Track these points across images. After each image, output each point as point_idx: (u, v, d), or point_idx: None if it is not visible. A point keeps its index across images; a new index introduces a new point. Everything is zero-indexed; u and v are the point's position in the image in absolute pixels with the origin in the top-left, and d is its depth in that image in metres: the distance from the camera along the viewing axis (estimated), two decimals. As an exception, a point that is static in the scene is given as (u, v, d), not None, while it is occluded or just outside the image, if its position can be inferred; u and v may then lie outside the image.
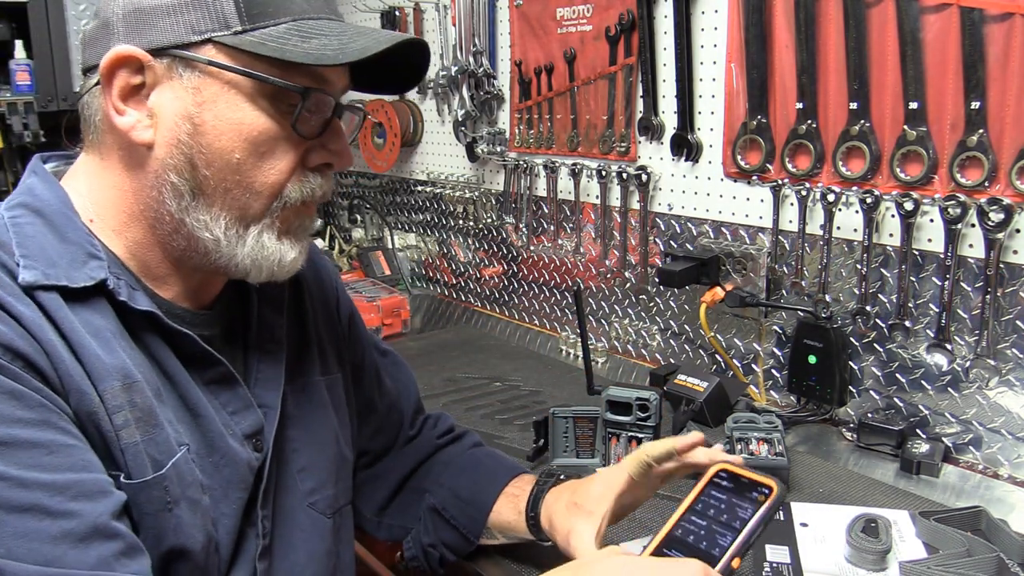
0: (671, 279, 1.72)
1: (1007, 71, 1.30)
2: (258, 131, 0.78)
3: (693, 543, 0.79)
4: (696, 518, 0.81)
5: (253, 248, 0.81)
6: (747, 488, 0.81)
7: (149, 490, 0.73)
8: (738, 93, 1.68)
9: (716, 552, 0.77)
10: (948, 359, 1.43)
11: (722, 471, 0.84)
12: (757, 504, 0.79)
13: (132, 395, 0.74)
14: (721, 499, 0.81)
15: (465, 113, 2.33)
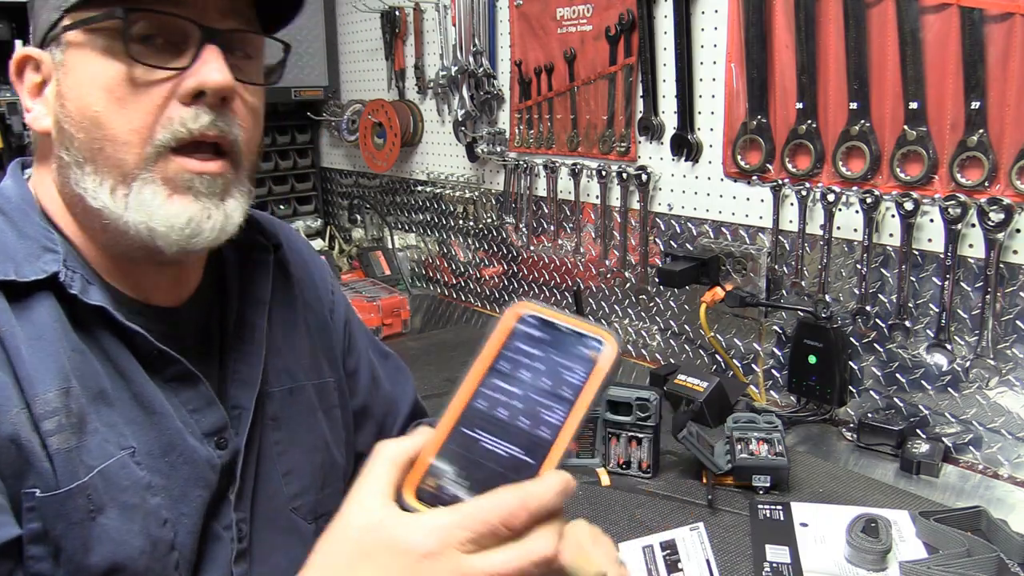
0: (671, 279, 1.72)
1: (1007, 71, 1.30)
2: (108, 76, 0.74)
3: (508, 420, 0.56)
4: (504, 383, 0.58)
5: (139, 210, 0.75)
6: (569, 341, 0.59)
7: (72, 499, 0.71)
8: (738, 93, 1.68)
9: (544, 432, 0.56)
10: (948, 359, 1.43)
11: (529, 316, 0.59)
12: (588, 362, 0.58)
13: (68, 400, 0.72)
14: (536, 356, 0.58)
15: (465, 113, 2.33)
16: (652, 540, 1.19)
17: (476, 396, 0.58)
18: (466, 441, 0.57)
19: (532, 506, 0.52)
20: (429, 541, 0.51)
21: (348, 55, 2.92)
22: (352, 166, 3.00)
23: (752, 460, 1.33)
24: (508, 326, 0.60)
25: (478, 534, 0.51)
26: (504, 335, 0.60)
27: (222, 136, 0.77)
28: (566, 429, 0.56)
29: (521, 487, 0.53)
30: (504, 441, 0.56)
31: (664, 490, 1.36)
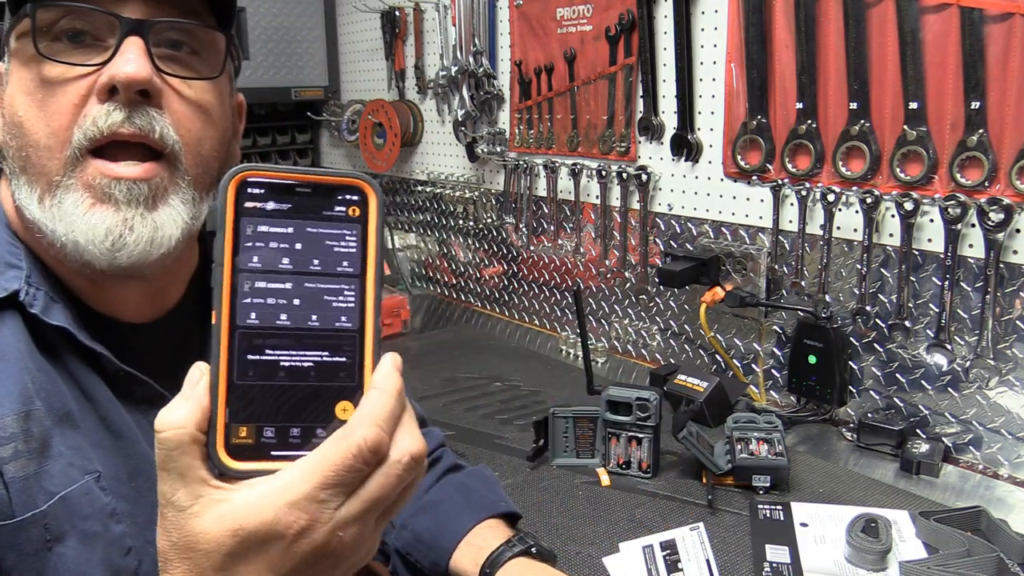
0: (671, 279, 1.72)
1: (1007, 71, 1.30)
2: (27, 79, 0.69)
3: (294, 324, 0.47)
4: (265, 282, 0.47)
5: (62, 221, 0.68)
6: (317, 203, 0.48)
7: (26, 530, 0.66)
8: (738, 93, 1.68)
9: (345, 321, 0.47)
10: (948, 359, 1.43)
11: (249, 183, 0.47)
12: (354, 222, 0.48)
13: (29, 424, 0.67)
14: (286, 235, 0.47)
15: (465, 113, 2.33)
16: (652, 540, 1.19)
17: (238, 311, 0.46)
18: (258, 370, 0.47)
19: (381, 422, 0.46)
20: (294, 517, 0.45)
21: (348, 55, 2.92)
22: (352, 166, 3.00)
23: (752, 460, 1.33)
24: (232, 205, 0.47)
25: (342, 482, 0.45)
26: (232, 217, 0.47)
27: (143, 135, 0.69)
28: (368, 307, 0.47)
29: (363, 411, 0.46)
30: (302, 351, 0.47)
31: (664, 490, 1.36)
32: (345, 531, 0.46)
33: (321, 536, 0.46)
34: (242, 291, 0.47)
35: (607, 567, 1.15)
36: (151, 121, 0.69)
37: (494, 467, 1.42)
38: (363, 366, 0.48)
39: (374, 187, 0.49)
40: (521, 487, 1.37)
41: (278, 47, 2.78)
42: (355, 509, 0.46)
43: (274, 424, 0.47)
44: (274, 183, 0.47)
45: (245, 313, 0.47)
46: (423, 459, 0.48)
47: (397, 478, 0.47)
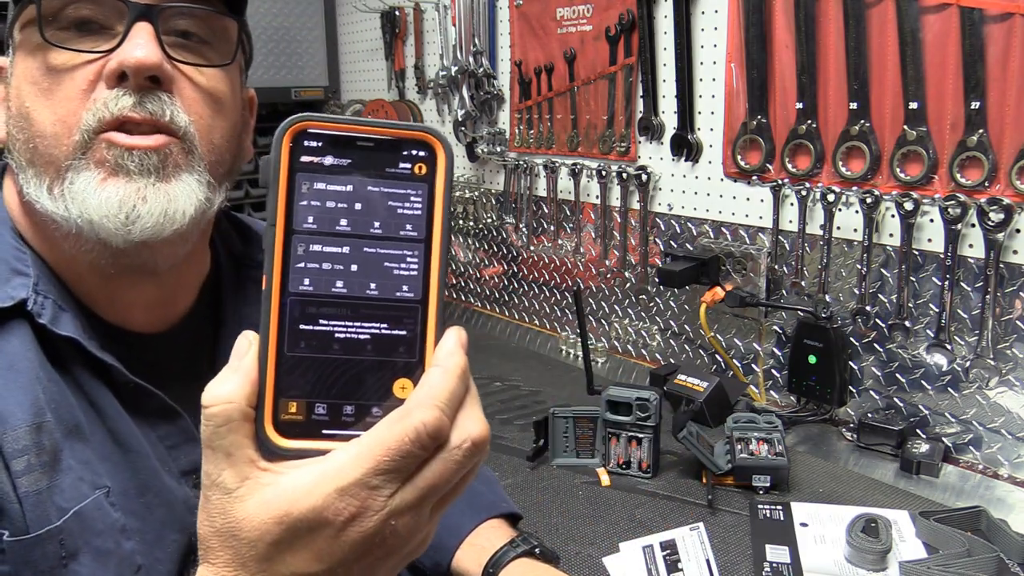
0: (671, 279, 1.72)
1: (1007, 71, 1.30)
2: (33, 68, 0.68)
3: (352, 294, 0.43)
4: (319, 245, 0.43)
5: (74, 202, 0.67)
6: (382, 158, 0.43)
7: (42, 546, 0.64)
8: (738, 93, 1.68)
9: (407, 291, 0.43)
10: (948, 359, 1.43)
11: (305, 134, 0.43)
12: (420, 181, 0.43)
13: (41, 436, 0.65)
14: (341, 193, 0.43)
15: (465, 113, 2.33)
16: (652, 540, 1.19)
17: (291, 277, 0.42)
18: (310, 341, 0.43)
19: (442, 404, 0.42)
20: (344, 504, 0.42)
21: (348, 55, 2.92)
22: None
23: (752, 460, 1.33)
24: (286, 159, 0.42)
25: (397, 468, 0.42)
26: (286, 173, 0.42)
27: (154, 119, 0.68)
28: (432, 276, 0.43)
29: (423, 393, 0.42)
30: (358, 322, 0.43)
31: (664, 490, 1.36)
32: (398, 520, 0.43)
33: (372, 525, 0.42)
34: (295, 254, 0.42)
35: (607, 567, 1.15)
36: (162, 105, 0.68)
37: (494, 467, 1.42)
38: (425, 341, 0.43)
39: (443, 142, 0.44)
40: (521, 487, 1.37)
41: (278, 47, 2.78)
42: (410, 497, 0.42)
43: (326, 400, 0.43)
44: (334, 135, 0.43)
45: (298, 279, 0.43)
46: (486, 445, 0.44)
47: (457, 464, 0.43)
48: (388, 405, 0.44)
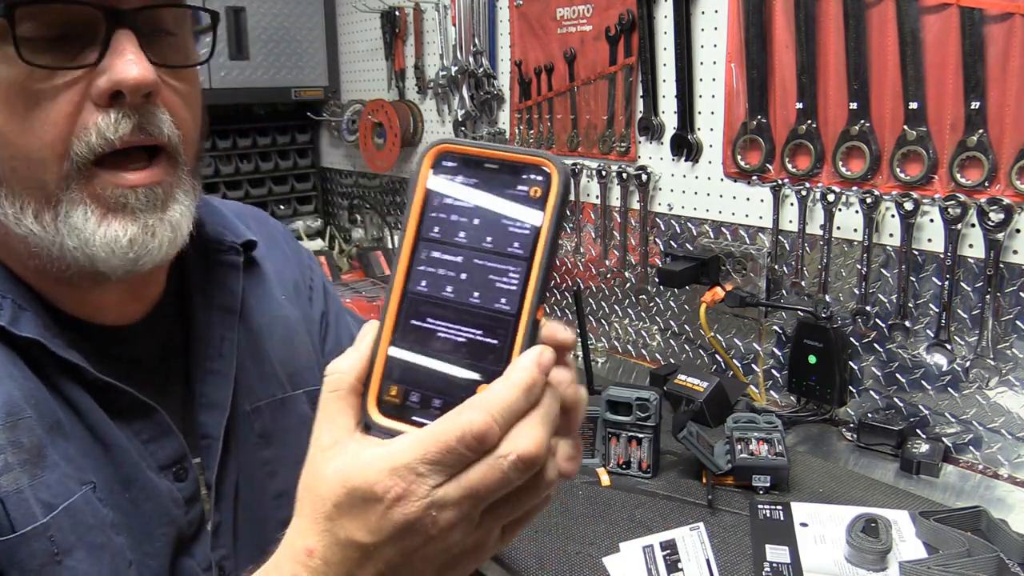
0: (671, 279, 1.72)
1: (1007, 71, 1.30)
2: (5, 87, 0.62)
3: (457, 299, 0.46)
4: (441, 253, 0.47)
5: (71, 236, 0.64)
6: (503, 180, 0.47)
7: (28, 544, 0.62)
8: (738, 93, 1.68)
9: (503, 304, 0.46)
10: (948, 359, 1.43)
11: (445, 155, 0.48)
12: (533, 203, 0.46)
13: (17, 434, 0.64)
14: (468, 209, 0.47)
15: (465, 113, 2.33)
16: (652, 540, 1.19)
17: (412, 277, 0.47)
18: (417, 336, 0.47)
19: (495, 412, 0.44)
20: (392, 483, 0.44)
21: (348, 55, 2.92)
22: (352, 166, 3.00)
23: (752, 460, 1.33)
24: (426, 175, 0.47)
25: (443, 461, 0.44)
26: (424, 189, 0.47)
27: (153, 139, 0.66)
28: (528, 294, 0.46)
29: (480, 397, 0.45)
30: (459, 325, 0.46)
31: (664, 490, 1.36)
32: (440, 513, 0.44)
33: (414, 510, 0.44)
34: (418, 258, 0.47)
35: (607, 567, 1.15)
36: (159, 123, 0.66)
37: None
38: (511, 353, 0.46)
39: (559, 168, 0.46)
40: (521, 487, 1.37)
41: (278, 47, 2.78)
42: (453, 493, 0.44)
43: (420, 390, 0.47)
44: (466, 157, 0.47)
45: (417, 279, 0.47)
46: (534, 462, 0.44)
47: (501, 473, 0.44)
48: None
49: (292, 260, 0.96)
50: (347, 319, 1.02)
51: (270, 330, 0.87)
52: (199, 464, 0.76)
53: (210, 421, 0.77)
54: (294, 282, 0.94)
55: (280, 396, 0.85)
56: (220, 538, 0.76)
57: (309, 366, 0.90)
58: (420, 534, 0.45)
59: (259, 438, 0.82)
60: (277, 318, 0.89)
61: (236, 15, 2.63)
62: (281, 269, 0.93)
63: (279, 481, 0.82)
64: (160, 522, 0.72)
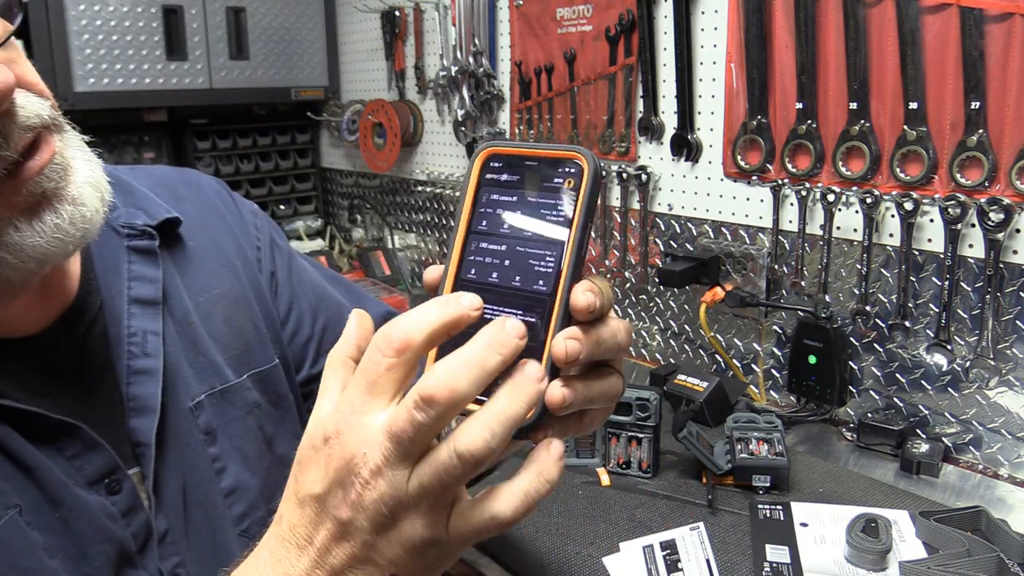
0: (671, 279, 1.72)
1: (1007, 71, 1.30)
2: None
3: (501, 284, 0.51)
4: (487, 243, 0.52)
5: (15, 253, 0.60)
6: (540, 174, 0.52)
7: None
8: (738, 93, 1.68)
9: (542, 285, 0.50)
10: (948, 359, 1.43)
11: (492, 156, 0.53)
12: (567, 193, 0.51)
13: None
14: (511, 203, 0.52)
15: (465, 113, 2.33)
16: (652, 540, 1.19)
17: (463, 266, 0.52)
18: None
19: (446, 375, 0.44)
20: (332, 420, 0.46)
21: (348, 55, 2.92)
22: (352, 166, 3.00)
23: (752, 460, 1.33)
24: (476, 176, 0.53)
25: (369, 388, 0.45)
26: (474, 188, 0.53)
27: (39, 126, 0.60)
28: (562, 275, 0.50)
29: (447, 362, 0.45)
30: (503, 307, 0.50)
31: (664, 490, 1.36)
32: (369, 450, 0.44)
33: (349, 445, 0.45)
34: (468, 250, 0.52)
35: (607, 567, 1.15)
36: (33, 107, 0.60)
37: (494, 467, 1.42)
38: (548, 329, 0.49)
39: (588, 159, 0.51)
40: (521, 487, 1.37)
41: (278, 47, 2.78)
42: (378, 425, 0.44)
43: None
44: (511, 156, 0.53)
45: (468, 268, 0.52)
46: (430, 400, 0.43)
47: (447, 467, 0.44)
48: None
49: (234, 224, 0.89)
50: (307, 273, 0.95)
51: (207, 311, 0.81)
52: (138, 473, 0.72)
53: (141, 426, 0.72)
54: (238, 248, 0.87)
55: (219, 387, 0.80)
56: (170, 546, 0.72)
57: (257, 343, 0.84)
58: (356, 476, 0.44)
59: (204, 435, 0.77)
60: (216, 295, 0.82)
61: (236, 15, 2.63)
62: (220, 238, 0.86)
63: (229, 477, 0.78)
64: (95, 539, 0.67)
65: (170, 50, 2.49)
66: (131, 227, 0.77)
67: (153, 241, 0.78)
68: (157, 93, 2.49)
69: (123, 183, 0.81)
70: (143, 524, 0.71)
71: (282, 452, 0.84)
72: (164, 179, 0.86)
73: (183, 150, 2.76)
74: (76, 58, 2.30)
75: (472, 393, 0.44)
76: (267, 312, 0.87)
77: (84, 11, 2.30)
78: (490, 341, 0.45)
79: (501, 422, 0.44)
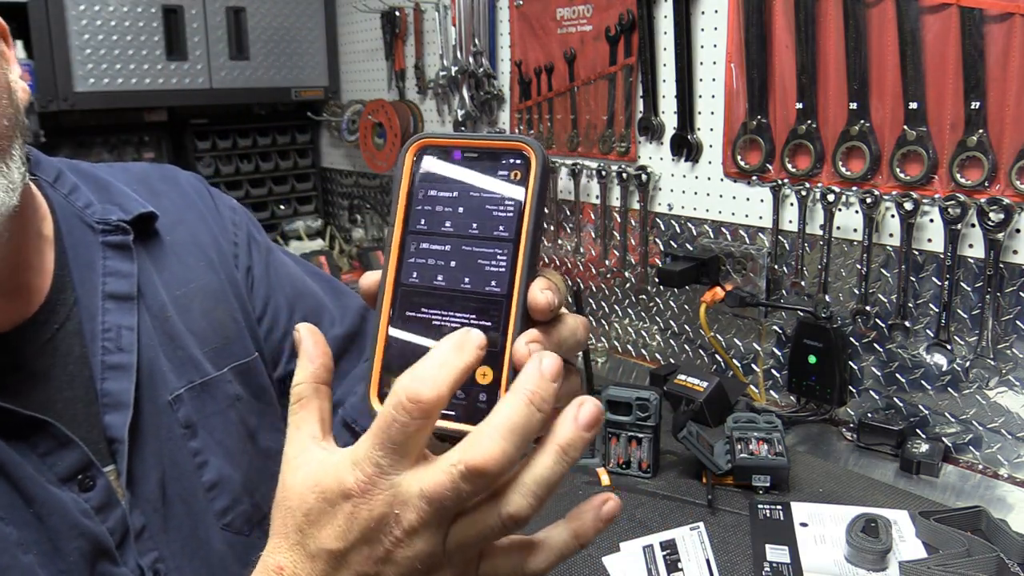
0: (671, 279, 1.72)
1: (1007, 71, 1.30)
2: None
3: (448, 286, 0.47)
4: (429, 244, 0.48)
5: None
6: (483, 166, 0.48)
7: None
8: (738, 93, 1.68)
9: (495, 286, 0.46)
10: (948, 359, 1.43)
11: (426, 148, 0.49)
12: (514, 185, 0.47)
13: None
14: (451, 198, 0.48)
15: (465, 113, 2.33)
16: (652, 540, 1.19)
17: (403, 270, 0.48)
18: (412, 326, 0.47)
19: (443, 383, 0.42)
20: (355, 475, 0.42)
21: (348, 55, 2.92)
22: (352, 166, 3.00)
23: (752, 460, 1.33)
24: (409, 170, 0.48)
25: (395, 439, 0.42)
26: (408, 183, 0.48)
27: None
28: (517, 274, 0.46)
29: (421, 369, 0.42)
30: (453, 312, 0.46)
31: (664, 490, 1.36)
32: (403, 512, 0.42)
33: (379, 503, 0.42)
34: (408, 251, 0.48)
35: (607, 567, 1.15)
36: None
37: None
38: (507, 333, 0.46)
39: (535, 150, 0.47)
40: (521, 487, 1.37)
41: (278, 47, 2.78)
42: (411, 489, 0.42)
43: None
44: (446, 148, 0.48)
45: (408, 272, 0.48)
46: (483, 473, 0.41)
47: (451, 480, 0.41)
48: (472, 389, 0.46)
49: (211, 220, 0.89)
50: (285, 267, 0.94)
51: (185, 305, 0.81)
52: (114, 469, 0.72)
53: (115, 422, 0.72)
54: (214, 243, 0.87)
55: (199, 380, 0.79)
56: (147, 541, 0.72)
57: (237, 336, 0.83)
58: (387, 535, 0.43)
59: (184, 428, 0.76)
60: (193, 289, 0.82)
61: (236, 15, 2.63)
62: (198, 232, 0.86)
63: (211, 471, 0.77)
64: (69, 536, 0.67)
65: (170, 50, 2.49)
66: (105, 223, 0.77)
67: (127, 236, 0.77)
68: (157, 93, 2.49)
69: (99, 179, 0.81)
70: (119, 520, 0.70)
71: (265, 445, 0.83)
72: (142, 174, 0.86)
73: (183, 150, 2.76)
74: (76, 58, 2.30)
75: (518, 460, 0.42)
76: (244, 307, 0.86)
77: (84, 11, 2.30)
78: (532, 400, 0.42)
79: (546, 487, 0.44)
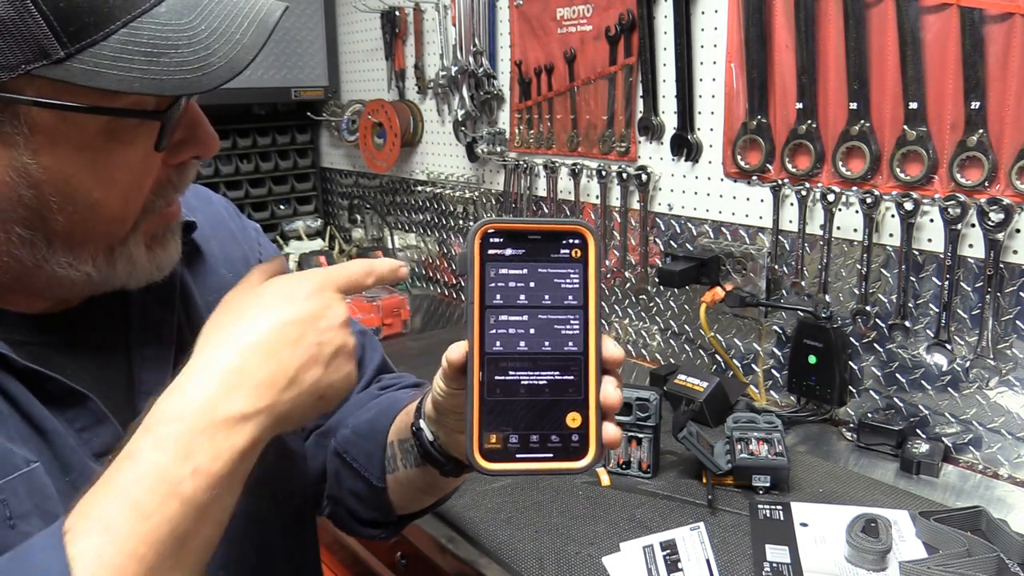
0: (671, 279, 1.72)
1: (1007, 71, 1.30)
2: (113, 165, 0.66)
3: (531, 350, 0.57)
4: (507, 315, 0.57)
5: (124, 269, 0.71)
6: (547, 247, 0.57)
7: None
8: (738, 93, 1.68)
9: (572, 346, 0.56)
10: (948, 359, 1.43)
11: (490, 232, 0.58)
12: (576, 262, 0.57)
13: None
14: (522, 276, 0.57)
15: (465, 113, 2.33)
16: (652, 540, 1.19)
17: (485, 341, 0.57)
18: (503, 387, 0.57)
19: None
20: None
21: (348, 55, 2.92)
22: (352, 166, 3.00)
23: (752, 460, 1.33)
24: (478, 252, 0.58)
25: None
26: (479, 264, 0.58)
27: None
28: (590, 332, 0.57)
29: None
30: (538, 371, 0.57)
31: (664, 490, 1.36)
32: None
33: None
34: (488, 324, 0.57)
35: (607, 567, 1.15)
36: None
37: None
38: (587, 382, 0.56)
39: (593, 233, 0.58)
40: (521, 486, 1.37)
41: (278, 47, 2.78)
42: None
43: (517, 432, 0.56)
44: (511, 232, 0.58)
45: (492, 342, 0.57)
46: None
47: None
48: (563, 433, 0.57)
49: (239, 237, 0.97)
50: None
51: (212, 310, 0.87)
52: None
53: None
54: (244, 260, 0.95)
55: None
56: None
57: None
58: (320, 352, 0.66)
59: None
60: (223, 295, 0.87)
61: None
62: (228, 247, 0.94)
63: None
64: None
65: (170, 50, 2.49)
66: None
67: None
68: (157, 93, 2.48)
69: None
70: None
71: (286, 442, 0.90)
72: None
73: (183, 150, 2.76)
74: (76, 58, 2.29)
75: None
76: None
77: (84, 11, 2.30)
78: None
79: None
